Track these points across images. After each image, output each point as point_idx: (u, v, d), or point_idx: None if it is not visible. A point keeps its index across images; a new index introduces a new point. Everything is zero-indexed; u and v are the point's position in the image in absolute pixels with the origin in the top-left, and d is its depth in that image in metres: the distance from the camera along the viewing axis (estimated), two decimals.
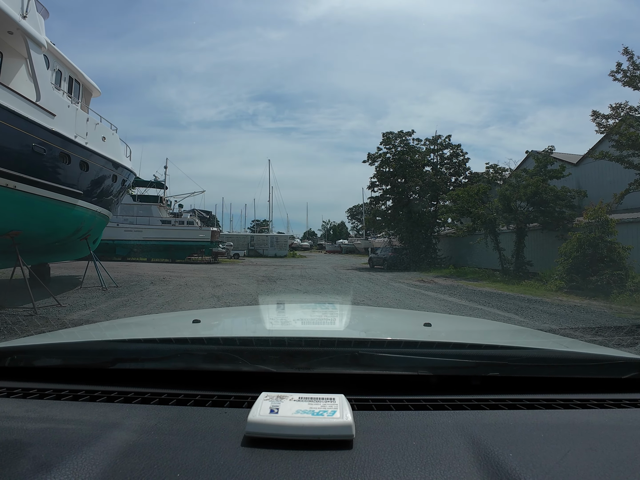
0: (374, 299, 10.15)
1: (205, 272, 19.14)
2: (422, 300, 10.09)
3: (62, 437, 0.67)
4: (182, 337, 1.19)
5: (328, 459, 0.61)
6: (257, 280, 15.11)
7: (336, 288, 12.74)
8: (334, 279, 16.14)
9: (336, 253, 61.51)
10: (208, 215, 36.05)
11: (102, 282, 10.54)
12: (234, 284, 12.82)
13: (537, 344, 1.30)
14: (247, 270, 21.66)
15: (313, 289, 12.27)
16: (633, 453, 0.66)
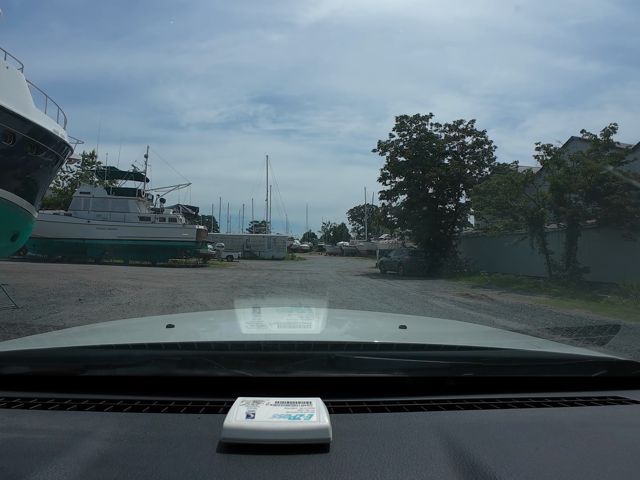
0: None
1: (180, 279, 15.44)
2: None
3: (31, 447, 0.65)
4: (156, 342, 1.14)
5: (305, 463, 0.61)
6: (241, 293, 11.42)
7: (355, 309, 8.69)
8: (346, 292, 12.20)
9: (337, 255, 58.45)
10: (195, 211, 31.65)
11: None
12: (201, 303, 8.90)
13: (509, 345, 1.34)
14: (235, 276, 18.00)
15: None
16: (602, 449, 0.68)
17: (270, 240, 43.65)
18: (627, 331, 6.39)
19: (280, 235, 48.56)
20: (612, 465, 0.63)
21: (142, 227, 25.83)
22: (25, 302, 7.83)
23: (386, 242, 48.56)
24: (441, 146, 23.11)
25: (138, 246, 25.22)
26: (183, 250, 26.50)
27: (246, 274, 19.03)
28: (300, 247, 64.94)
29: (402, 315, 5.61)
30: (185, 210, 29.56)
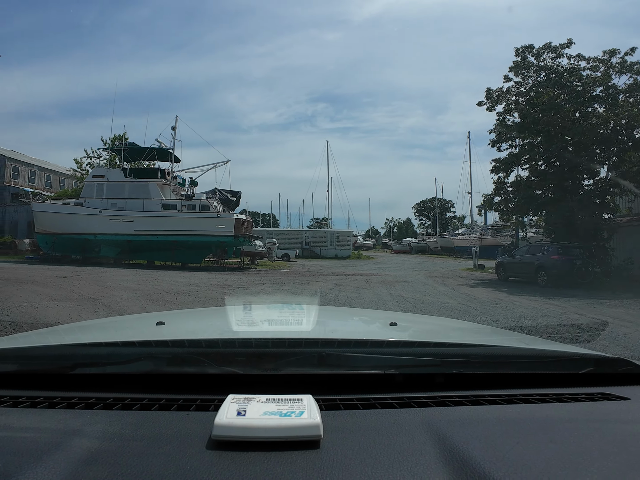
0: None
1: (195, 294, 9.32)
2: None
3: (20, 446, 0.64)
4: (146, 339, 1.15)
5: (296, 459, 0.61)
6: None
7: None
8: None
9: (405, 253, 51.03)
10: (235, 196, 23.02)
11: None
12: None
13: (499, 342, 1.33)
14: (284, 286, 11.81)
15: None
16: (589, 445, 0.69)
17: (333, 236, 37.05)
18: None
19: (344, 230, 41.55)
20: (599, 460, 0.63)
21: (164, 217, 19.58)
22: None
23: (466, 238, 41.06)
24: (588, 89, 15.18)
25: (160, 243, 19.13)
26: (219, 247, 20.33)
27: (299, 283, 12.53)
28: (363, 244, 57.25)
29: (393, 312, 6.02)
30: (223, 196, 22.01)
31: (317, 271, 18.74)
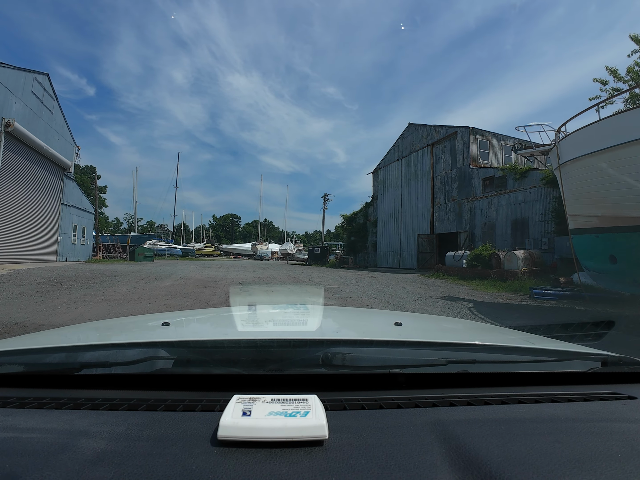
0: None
1: None
2: None
3: (26, 446, 0.64)
4: (152, 340, 1.17)
5: (301, 460, 0.61)
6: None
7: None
8: None
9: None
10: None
11: None
12: None
13: (505, 341, 1.37)
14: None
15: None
16: (597, 444, 0.67)
17: None
18: None
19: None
20: (607, 460, 0.62)
21: None
22: None
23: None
24: None
25: None
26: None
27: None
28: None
29: (398, 312, 5.84)
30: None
31: None
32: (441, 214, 24.27)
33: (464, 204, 22.27)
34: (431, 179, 25.33)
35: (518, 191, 18.81)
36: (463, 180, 22.57)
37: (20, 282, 10.77)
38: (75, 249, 26.98)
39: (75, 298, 8.03)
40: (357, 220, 34.90)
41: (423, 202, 26.07)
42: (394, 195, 29.48)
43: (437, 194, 24.78)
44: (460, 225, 22.47)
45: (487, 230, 20.54)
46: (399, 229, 28.44)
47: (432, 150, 25.50)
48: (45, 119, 21.71)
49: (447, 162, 24.02)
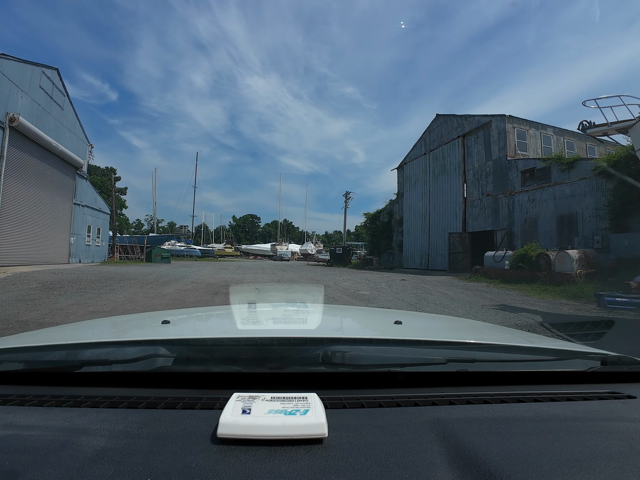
0: None
1: None
2: None
3: (27, 444, 0.64)
4: (152, 338, 1.16)
5: (301, 458, 0.61)
6: None
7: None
8: None
9: None
10: None
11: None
12: None
13: (504, 340, 1.34)
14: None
15: None
16: (596, 444, 0.67)
17: None
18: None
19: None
20: (606, 459, 0.62)
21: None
22: None
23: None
24: None
25: None
26: None
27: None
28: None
29: (398, 311, 5.67)
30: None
31: None
32: (474, 211, 22.34)
33: (501, 199, 20.33)
34: (462, 173, 23.39)
35: (564, 184, 16.83)
36: (499, 173, 20.62)
37: (12, 287, 9.59)
38: (90, 250, 26.14)
39: (58, 309, 6.71)
40: (381, 219, 33.15)
41: (454, 198, 24.12)
42: (421, 192, 27.59)
43: (470, 189, 22.83)
44: (497, 222, 20.53)
45: (527, 227, 18.59)
46: (426, 228, 26.56)
47: (463, 142, 23.57)
48: (55, 115, 20.82)
49: (481, 154, 22.08)
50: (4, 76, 15.94)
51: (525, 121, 21.24)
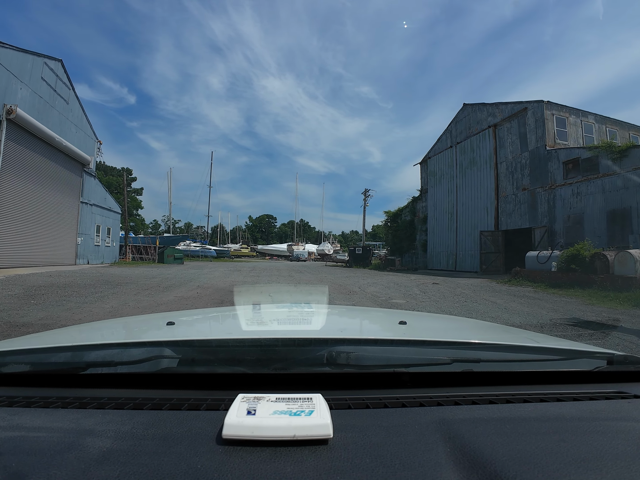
0: None
1: None
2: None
3: (33, 445, 0.64)
4: (156, 340, 1.16)
5: (306, 459, 0.60)
6: None
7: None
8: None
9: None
10: None
11: None
12: None
13: (510, 340, 1.32)
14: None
15: None
16: (602, 444, 0.66)
17: None
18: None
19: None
20: (613, 459, 0.61)
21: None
22: None
23: None
24: None
25: None
26: None
27: None
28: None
29: (402, 311, 5.54)
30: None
31: None
32: (508, 207, 20.41)
33: (540, 193, 18.39)
34: (494, 166, 21.46)
35: (616, 175, 14.85)
36: (537, 165, 18.67)
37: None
38: (99, 250, 25.12)
39: (19, 324, 5.31)
40: (403, 217, 31.31)
41: (484, 193, 22.17)
42: (448, 188, 25.70)
43: (503, 183, 20.87)
44: (535, 219, 18.60)
45: (571, 224, 16.65)
46: (454, 226, 24.67)
47: (494, 133, 21.63)
48: (59, 109, 19.77)
49: (515, 144, 20.14)
50: (1, 65, 14.85)
51: (565, 107, 19.25)
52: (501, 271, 19.88)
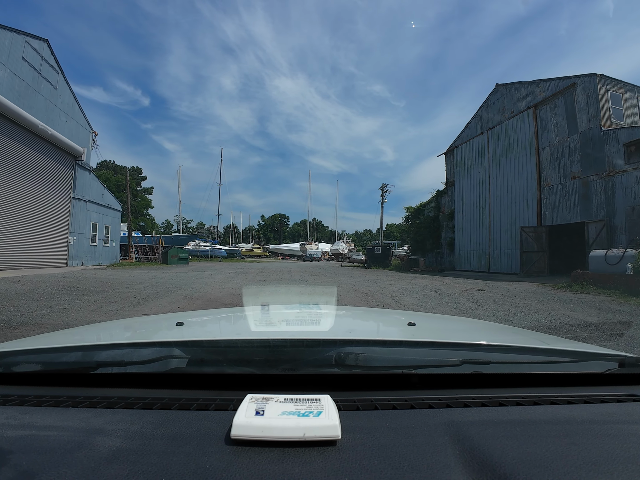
0: None
1: None
2: None
3: (43, 444, 0.65)
4: (166, 340, 1.17)
5: (314, 460, 0.60)
6: None
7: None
8: None
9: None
10: None
11: None
12: None
13: (520, 342, 1.30)
14: None
15: None
16: (613, 447, 0.65)
17: None
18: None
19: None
20: (624, 463, 0.61)
21: None
22: None
23: None
24: None
25: None
26: None
27: None
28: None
29: (411, 312, 5.68)
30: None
31: None
32: (554, 199, 17.69)
33: (594, 182, 15.67)
34: (536, 152, 18.73)
35: None
36: (590, 148, 15.94)
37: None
38: (96, 251, 23.16)
39: None
40: (426, 213, 28.69)
41: (523, 183, 19.43)
42: (479, 179, 23.00)
43: (547, 171, 18.14)
44: (588, 212, 15.88)
45: (636, 218, 13.94)
46: (486, 222, 21.99)
47: (535, 114, 18.91)
48: (45, 95, 17.79)
49: (561, 126, 17.42)
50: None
51: (620, 82, 16.49)
52: (545, 273, 17.21)
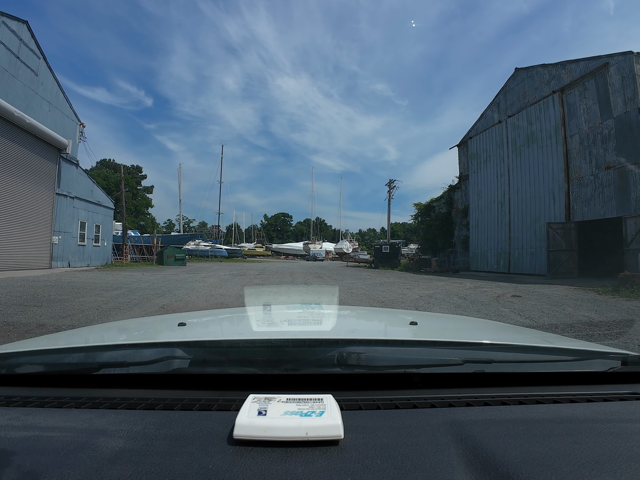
0: None
1: None
2: None
3: (46, 445, 0.65)
4: (168, 341, 1.17)
5: (317, 460, 0.61)
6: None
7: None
8: None
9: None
10: None
11: None
12: None
13: (522, 341, 1.31)
14: None
15: None
16: (616, 446, 0.65)
17: None
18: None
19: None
20: (627, 461, 0.61)
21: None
22: None
23: None
24: None
25: None
26: None
27: None
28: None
29: (413, 311, 5.80)
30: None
31: None
32: (584, 192, 15.94)
33: (632, 171, 13.92)
34: (563, 141, 16.97)
35: None
36: (627, 134, 14.19)
37: None
38: (84, 251, 21.65)
39: None
40: (437, 210, 26.98)
41: (549, 175, 17.67)
42: (496, 171, 21.24)
43: (576, 161, 16.38)
44: (625, 206, 14.14)
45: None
46: (505, 218, 20.25)
47: (561, 99, 17.15)
48: (24, 81, 16.24)
49: (593, 111, 15.66)
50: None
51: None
52: (575, 274, 15.50)
